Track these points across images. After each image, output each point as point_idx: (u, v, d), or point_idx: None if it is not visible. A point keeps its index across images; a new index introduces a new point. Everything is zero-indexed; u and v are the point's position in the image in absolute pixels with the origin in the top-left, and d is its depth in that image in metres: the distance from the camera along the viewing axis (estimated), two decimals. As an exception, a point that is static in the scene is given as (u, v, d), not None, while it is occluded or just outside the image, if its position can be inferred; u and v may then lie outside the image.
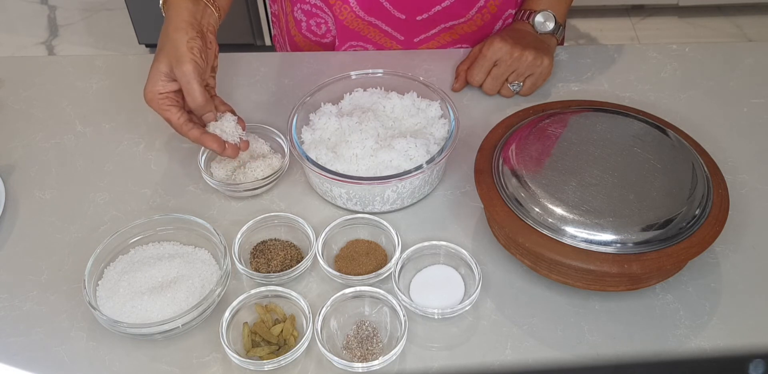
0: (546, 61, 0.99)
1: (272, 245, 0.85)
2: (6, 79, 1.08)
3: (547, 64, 1.00)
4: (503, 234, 0.82)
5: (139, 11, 2.30)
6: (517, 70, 1.00)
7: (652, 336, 0.78)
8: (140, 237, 0.85)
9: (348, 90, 0.96)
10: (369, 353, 0.76)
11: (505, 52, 0.99)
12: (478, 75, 1.01)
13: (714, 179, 0.81)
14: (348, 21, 1.06)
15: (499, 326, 0.79)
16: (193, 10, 0.86)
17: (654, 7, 2.65)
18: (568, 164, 0.80)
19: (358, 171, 0.86)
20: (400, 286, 0.80)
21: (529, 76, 1.01)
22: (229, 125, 0.88)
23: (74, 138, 1.00)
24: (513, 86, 1.02)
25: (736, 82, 1.05)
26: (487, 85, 1.02)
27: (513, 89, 1.02)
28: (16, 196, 0.92)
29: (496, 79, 1.01)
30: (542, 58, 0.99)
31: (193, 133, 0.85)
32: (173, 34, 0.84)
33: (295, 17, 1.12)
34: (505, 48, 0.99)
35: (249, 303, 0.80)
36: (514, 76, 1.01)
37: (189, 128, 0.85)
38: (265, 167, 0.91)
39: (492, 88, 1.02)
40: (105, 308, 0.78)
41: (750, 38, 2.55)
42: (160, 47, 0.85)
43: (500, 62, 1.00)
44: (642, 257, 0.74)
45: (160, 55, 0.84)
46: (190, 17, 0.85)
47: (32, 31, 2.64)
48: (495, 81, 1.01)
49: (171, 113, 0.85)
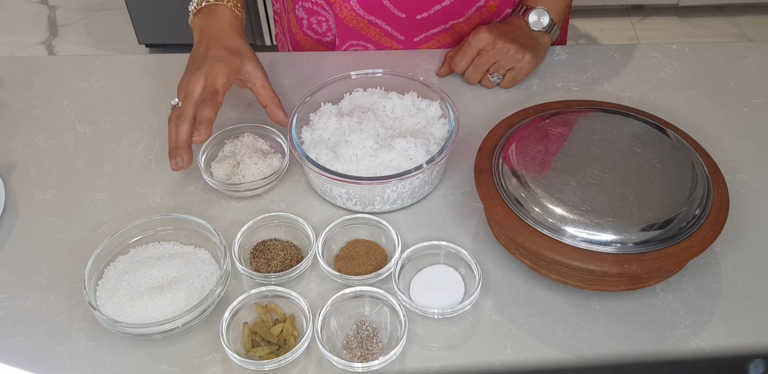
0: (527, 56, 1.00)
1: (272, 245, 0.85)
2: (6, 79, 1.08)
3: (528, 59, 1.00)
4: (503, 234, 0.82)
5: (139, 11, 2.30)
6: (498, 62, 1.01)
7: (652, 336, 0.78)
8: (140, 237, 0.85)
9: (348, 90, 0.96)
10: (369, 353, 0.76)
11: (488, 43, 1.00)
12: (460, 62, 1.03)
13: (714, 179, 0.81)
14: (348, 19, 1.06)
15: (499, 326, 0.79)
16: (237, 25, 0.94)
17: (654, 7, 2.65)
18: (568, 164, 0.80)
19: (358, 171, 0.86)
20: (400, 286, 0.80)
21: (510, 69, 1.02)
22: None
23: (74, 138, 1.00)
24: (493, 77, 1.03)
25: (736, 82, 1.05)
26: (469, 74, 1.03)
27: (493, 80, 1.03)
28: (16, 196, 0.92)
29: (477, 68, 1.02)
30: (524, 53, 1.00)
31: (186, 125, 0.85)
32: (236, 40, 0.91)
33: (296, 15, 1.12)
34: (489, 38, 1.00)
35: (249, 303, 0.80)
36: (494, 68, 1.02)
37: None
38: (265, 167, 0.91)
39: (473, 77, 1.03)
40: (105, 308, 0.78)
41: (750, 38, 2.55)
42: (221, 49, 0.90)
43: (483, 52, 1.01)
44: (642, 257, 0.74)
45: (225, 57, 0.89)
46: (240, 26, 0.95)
47: (32, 31, 2.64)
48: (476, 70, 1.02)
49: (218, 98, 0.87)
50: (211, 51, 0.89)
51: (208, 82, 0.87)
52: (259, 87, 0.91)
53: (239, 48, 0.91)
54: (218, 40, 0.90)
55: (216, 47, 0.90)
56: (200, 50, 0.90)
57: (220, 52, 0.89)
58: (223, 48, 0.90)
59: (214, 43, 0.90)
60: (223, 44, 0.90)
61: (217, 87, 0.86)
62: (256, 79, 0.91)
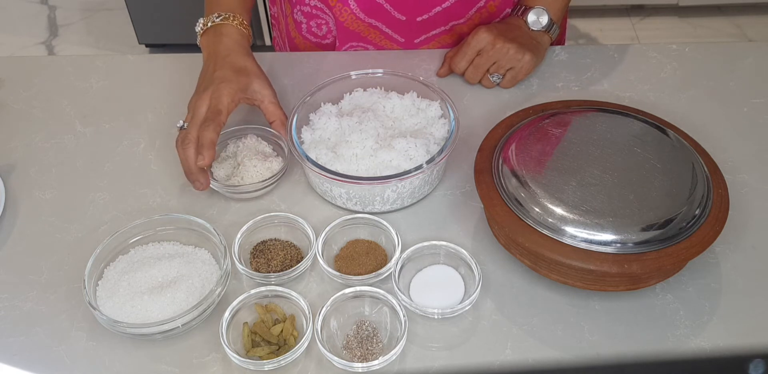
0: (527, 56, 1.00)
1: (272, 245, 0.85)
2: (6, 79, 1.08)
3: (528, 59, 1.00)
4: (503, 234, 0.82)
5: (139, 11, 2.30)
6: (498, 62, 1.01)
7: (652, 336, 0.78)
8: (140, 237, 0.85)
9: (348, 90, 0.96)
10: (369, 353, 0.76)
11: (487, 43, 1.00)
12: (460, 63, 1.03)
13: (714, 179, 0.81)
14: (348, 22, 1.06)
15: (499, 326, 0.79)
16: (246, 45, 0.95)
17: (654, 7, 2.65)
18: (568, 164, 0.80)
19: (358, 171, 0.86)
20: (400, 286, 0.80)
21: (510, 69, 1.02)
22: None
23: (74, 138, 1.00)
24: (493, 77, 1.03)
25: (736, 82, 1.05)
26: (469, 74, 1.04)
27: (493, 80, 1.03)
28: (16, 196, 0.92)
29: (477, 68, 1.02)
30: (523, 53, 1.00)
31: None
32: (243, 60, 0.92)
33: (295, 19, 1.12)
34: (489, 38, 1.00)
35: (249, 303, 0.80)
36: (494, 68, 1.02)
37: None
38: (264, 170, 0.90)
39: (473, 77, 1.03)
40: (105, 308, 0.78)
41: (750, 38, 2.55)
42: (228, 69, 0.90)
43: (482, 52, 1.01)
44: (642, 257, 0.74)
45: (232, 75, 0.90)
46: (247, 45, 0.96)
47: (32, 31, 2.64)
48: (476, 70, 1.03)
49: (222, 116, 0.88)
50: (218, 71, 0.90)
51: (212, 103, 0.88)
52: (267, 104, 0.91)
53: (246, 67, 0.91)
54: (225, 60, 0.91)
55: (222, 67, 0.90)
56: (208, 71, 0.91)
57: (226, 72, 0.90)
58: (229, 68, 0.90)
59: (221, 62, 0.91)
60: (230, 64, 0.91)
61: (220, 107, 0.87)
62: (264, 97, 0.91)
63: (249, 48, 0.95)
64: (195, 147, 0.86)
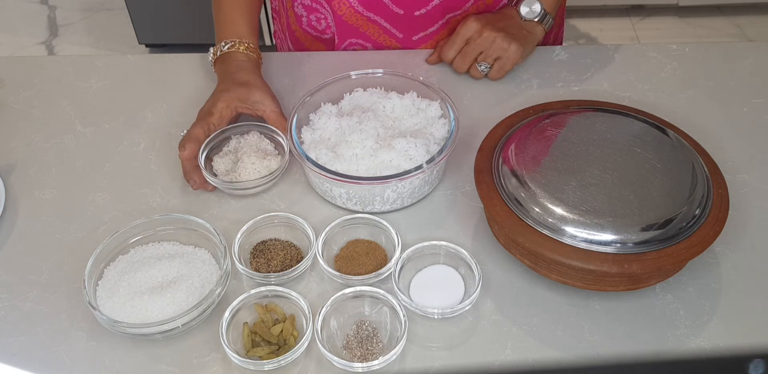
0: (513, 46, 1.01)
1: (272, 245, 0.85)
2: (6, 79, 1.08)
3: (515, 49, 1.01)
4: (503, 234, 0.82)
5: (139, 11, 2.30)
6: (485, 51, 1.02)
7: (652, 336, 0.78)
8: (140, 237, 0.85)
9: (348, 90, 0.96)
10: (369, 353, 0.76)
11: (474, 31, 1.01)
12: (449, 51, 1.04)
13: (714, 179, 0.81)
14: (347, 16, 1.07)
15: (499, 326, 0.79)
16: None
17: (654, 7, 2.65)
18: (568, 164, 0.80)
19: (358, 171, 0.86)
20: (400, 286, 0.80)
21: (497, 59, 1.02)
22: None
23: (74, 138, 1.00)
24: (481, 67, 1.04)
25: (736, 82, 1.05)
26: (457, 63, 1.05)
27: (481, 70, 1.04)
28: (16, 196, 0.92)
29: (465, 57, 1.03)
30: (510, 42, 1.00)
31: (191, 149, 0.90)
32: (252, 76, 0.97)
33: (295, 12, 1.13)
34: (476, 27, 1.01)
35: (249, 303, 0.80)
36: (482, 57, 1.03)
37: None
38: (262, 168, 0.90)
39: (461, 65, 1.04)
40: (105, 308, 0.78)
41: (750, 38, 2.55)
42: (232, 82, 0.95)
43: (470, 41, 1.02)
44: (642, 257, 0.74)
45: (237, 87, 0.95)
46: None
47: (32, 31, 2.64)
48: (463, 58, 1.04)
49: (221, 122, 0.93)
50: (220, 86, 0.96)
51: (206, 107, 0.94)
52: (269, 112, 0.94)
53: (249, 80, 0.96)
54: (230, 77, 0.96)
55: (225, 82, 0.96)
56: (215, 89, 0.96)
57: (227, 85, 0.95)
58: (231, 82, 0.95)
59: (227, 80, 0.96)
60: (233, 79, 0.96)
61: (213, 110, 0.93)
62: (266, 106, 0.94)
63: (256, 68, 0.99)
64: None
